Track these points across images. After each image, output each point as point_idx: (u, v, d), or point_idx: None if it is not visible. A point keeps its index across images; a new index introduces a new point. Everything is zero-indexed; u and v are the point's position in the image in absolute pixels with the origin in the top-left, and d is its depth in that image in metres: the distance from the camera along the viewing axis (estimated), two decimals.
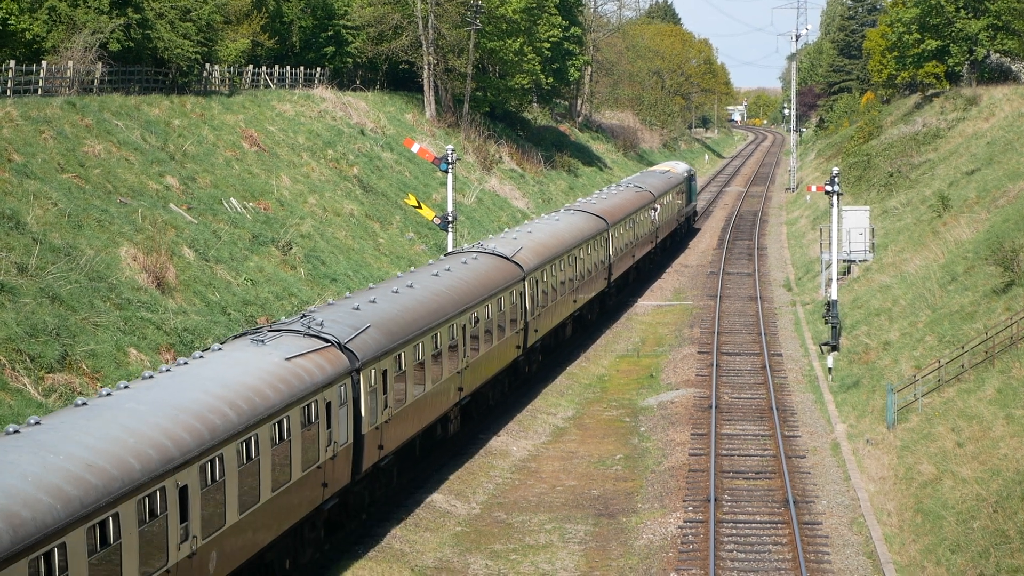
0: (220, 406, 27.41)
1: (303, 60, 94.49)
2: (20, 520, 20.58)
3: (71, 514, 21.60)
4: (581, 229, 61.89)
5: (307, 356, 31.99)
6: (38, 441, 23.26)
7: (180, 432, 25.63)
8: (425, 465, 41.78)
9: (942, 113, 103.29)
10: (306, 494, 31.14)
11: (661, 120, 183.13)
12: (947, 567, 32.74)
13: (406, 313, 38.58)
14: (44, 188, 47.58)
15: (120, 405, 25.99)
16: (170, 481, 24.69)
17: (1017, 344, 43.89)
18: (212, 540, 26.35)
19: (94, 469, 22.83)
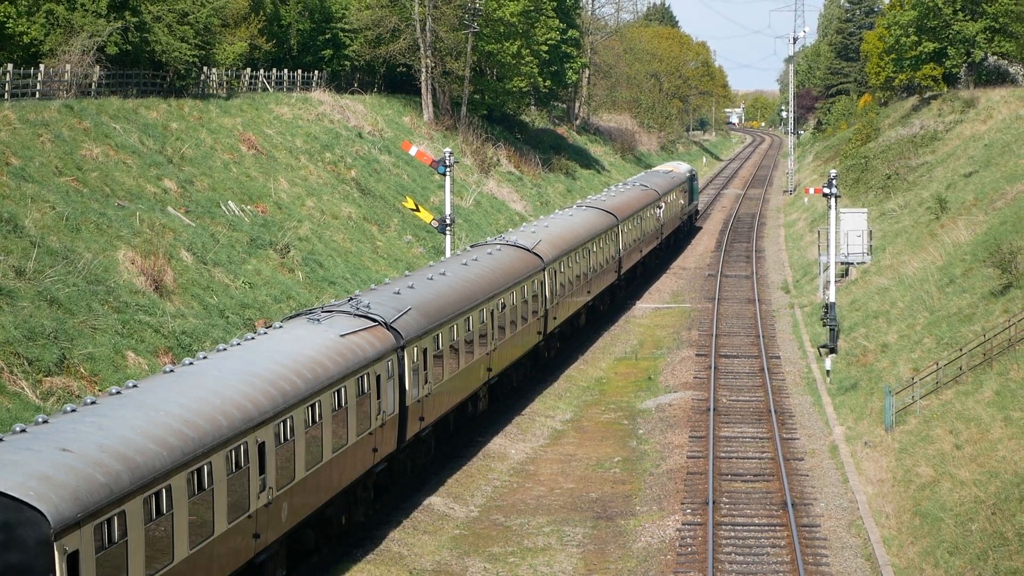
0: (289, 375, 30.90)
1: (301, 63, 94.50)
2: (135, 464, 23.92)
3: (175, 461, 25.00)
4: (593, 224, 65.12)
5: (359, 334, 35.49)
6: (139, 401, 26.69)
7: (257, 396, 29.10)
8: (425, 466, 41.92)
9: (940, 115, 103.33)
10: (359, 458, 34.54)
11: (659, 123, 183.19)
12: (945, 569, 32.74)
13: (441, 298, 41.96)
14: (42, 191, 47.57)
15: (204, 372, 29.54)
16: (251, 438, 28.15)
17: (1015, 346, 43.90)
18: (284, 492, 29.77)
19: (190, 424, 26.27)
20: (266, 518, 28.91)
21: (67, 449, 23.47)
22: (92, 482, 22.81)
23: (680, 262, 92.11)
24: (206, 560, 26.28)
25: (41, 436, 23.94)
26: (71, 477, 22.58)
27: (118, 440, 24.32)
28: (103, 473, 23.20)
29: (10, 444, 23.45)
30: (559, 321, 56.49)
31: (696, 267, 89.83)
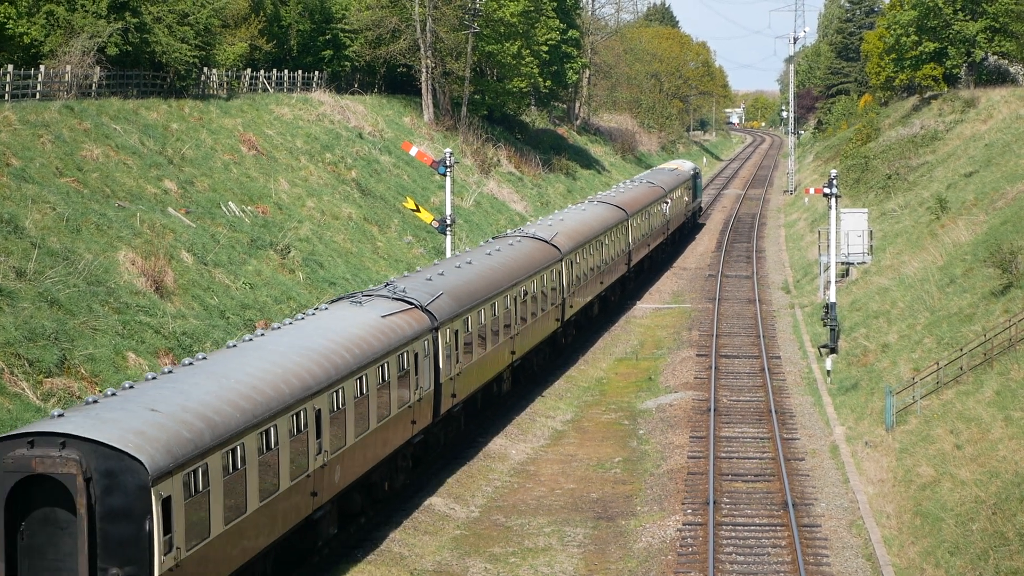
0: (339, 350, 33.94)
1: (301, 64, 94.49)
2: (214, 423, 27.14)
3: (247, 422, 28.21)
4: (605, 219, 67.93)
5: (398, 315, 38.54)
6: (210, 371, 29.92)
7: (313, 367, 32.21)
8: (426, 467, 41.95)
9: (940, 115, 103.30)
10: (400, 428, 37.69)
11: (659, 123, 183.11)
12: (946, 569, 32.74)
13: (469, 285, 45.01)
14: (42, 192, 47.58)
15: (264, 346, 32.89)
16: (309, 405, 31.24)
17: (1016, 346, 43.90)
18: (337, 456, 32.91)
19: (257, 391, 29.44)
20: (322, 478, 32.10)
21: (155, 409, 26.63)
22: (179, 437, 26.02)
23: (680, 262, 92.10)
24: (272, 513, 29.50)
25: (130, 399, 27.18)
26: (162, 433, 25.76)
27: (198, 403, 27.55)
28: (188, 430, 26.40)
29: (104, 405, 26.61)
30: (575, 310, 59.49)
31: (696, 267, 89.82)
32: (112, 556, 24.63)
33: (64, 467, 24.52)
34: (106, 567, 24.62)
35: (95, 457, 24.68)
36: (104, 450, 24.69)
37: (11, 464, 24.58)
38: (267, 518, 29.30)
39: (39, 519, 24.96)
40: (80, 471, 24.48)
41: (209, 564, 26.68)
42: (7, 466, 24.60)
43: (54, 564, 24.91)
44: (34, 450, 24.67)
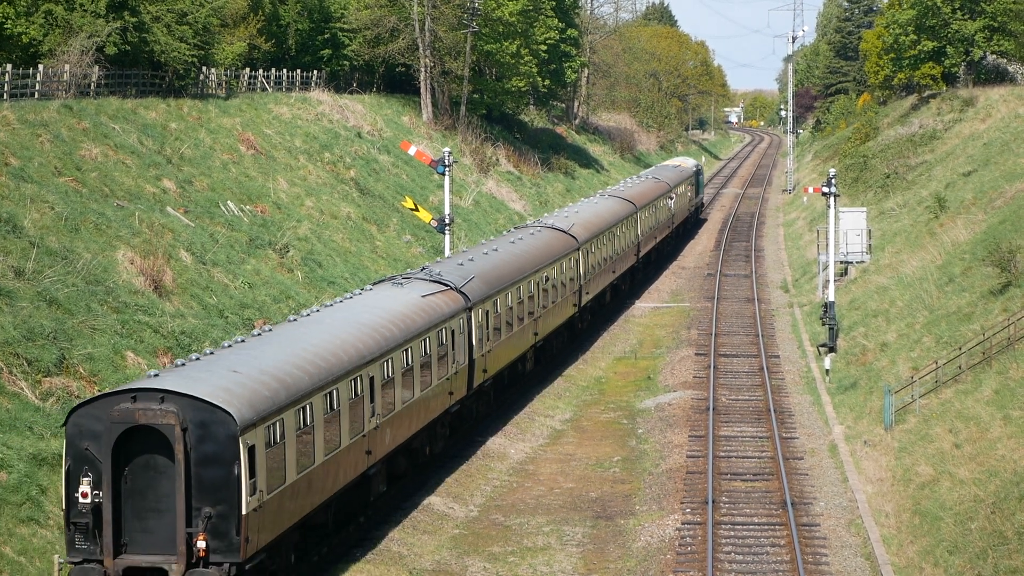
0: (388, 324, 37.53)
1: (300, 63, 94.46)
2: (287, 384, 30.71)
3: (313, 384, 31.75)
4: (616, 211, 71.39)
5: (436, 295, 42.08)
6: (279, 340, 33.54)
7: (366, 339, 35.70)
8: (425, 466, 42.00)
9: (939, 114, 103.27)
10: (440, 398, 41.16)
11: (658, 122, 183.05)
12: (945, 568, 32.75)
13: (497, 269, 48.62)
14: (41, 192, 47.56)
15: (322, 320, 36.37)
16: (364, 372, 34.77)
17: (1014, 345, 43.90)
18: (387, 420, 36.26)
19: (321, 358, 32.83)
20: (375, 439, 35.62)
21: (236, 371, 30.15)
22: (259, 395, 29.53)
23: (679, 261, 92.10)
24: (335, 466, 33.01)
25: (213, 362, 30.77)
26: (245, 390, 29.26)
27: (272, 366, 31.13)
28: (266, 389, 29.90)
29: (192, 367, 30.18)
30: (591, 296, 63.23)
31: (695, 266, 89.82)
32: (205, 497, 28.08)
33: (164, 419, 27.90)
34: (200, 506, 28.05)
35: (190, 410, 28.08)
36: (198, 404, 28.14)
37: (117, 416, 27.94)
38: (330, 471, 32.81)
39: (141, 465, 28.30)
40: (178, 422, 27.86)
41: (284, 508, 30.12)
42: (113, 418, 27.95)
43: (154, 504, 28.27)
44: (137, 404, 28.08)
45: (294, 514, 30.82)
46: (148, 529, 28.46)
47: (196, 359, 31.08)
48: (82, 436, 28.32)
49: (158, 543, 28.36)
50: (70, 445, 28.44)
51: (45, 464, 34.95)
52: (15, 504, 33.14)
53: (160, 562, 28.23)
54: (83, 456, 28.32)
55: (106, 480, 28.10)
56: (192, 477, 28.04)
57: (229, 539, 28.21)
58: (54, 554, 31.99)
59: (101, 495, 28.22)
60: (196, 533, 28.07)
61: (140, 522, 28.49)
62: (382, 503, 38.09)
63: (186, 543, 28.02)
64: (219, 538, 28.14)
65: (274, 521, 29.72)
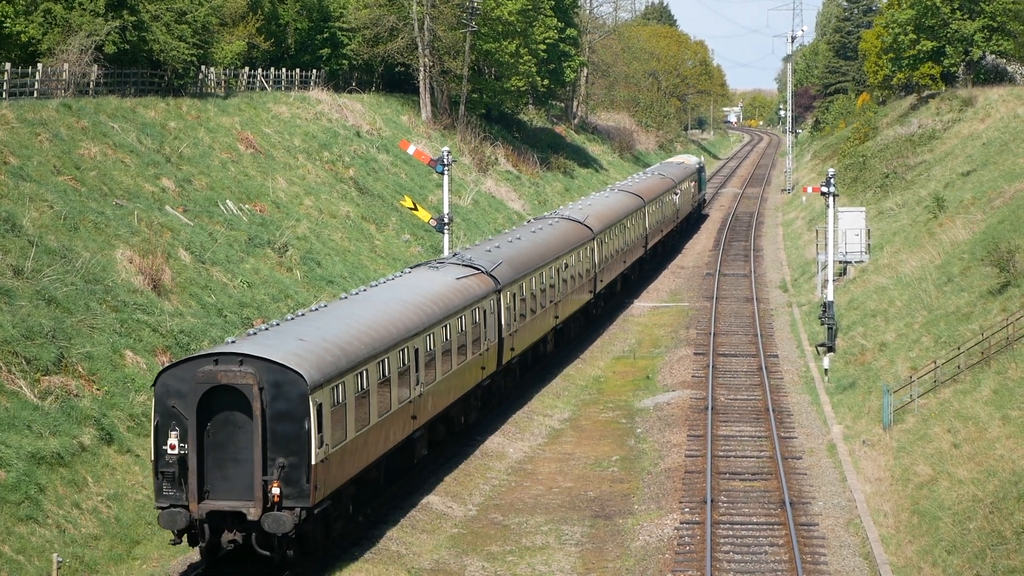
0: (428, 303, 40.96)
1: (299, 62, 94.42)
2: (347, 351, 34.09)
3: (368, 353, 35.20)
4: (627, 205, 74.95)
5: (469, 278, 45.65)
6: (334, 314, 36.95)
7: (411, 315, 39.20)
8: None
9: (938, 114, 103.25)
10: (473, 372, 44.83)
11: (657, 122, 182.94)
12: (943, 568, 32.76)
13: (522, 255, 52.12)
14: (40, 190, 47.55)
15: (369, 298, 39.91)
16: (410, 344, 38.20)
17: (1013, 345, 43.91)
18: (429, 389, 39.73)
19: (373, 330, 36.33)
20: (419, 405, 39.04)
21: (302, 339, 33.52)
22: (325, 360, 32.89)
23: (679, 261, 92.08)
24: (386, 428, 36.46)
25: (281, 331, 34.28)
26: (311, 355, 32.60)
27: (333, 336, 34.48)
28: (329, 354, 33.32)
29: (263, 335, 33.71)
30: (604, 283, 66.78)
31: (694, 266, 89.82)
32: (279, 448, 31.31)
33: (243, 379, 31.16)
34: (274, 457, 31.24)
35: (266, 371, 31.34)
36: (273, 366, 31.41)
37: (201, 377, 31.16)
38: (382, 432, 36.34)
39: (221, 420, 31.50)
40: (256, 382, 31.10)
41: (345, 462, 33.54)
42: (198, 379, 31.15)
43: (233, 455, 31.45)
44: (218, 366, 31.35)
45: (352, 468, 34.29)
46: (228, 477, 31.58)
47: (265, 329, 34.63)
48: (169, 395, 31.54)
49: (237, 490, 31.50)
50: (158, 403, 31.66)
51: (44, 463, 34.98)
52: (13, 503, 33.16)
53: (239, 507, 31.36)
54: (170, 413, 31.49)
55: (191, 434, 31.27)
56: (267, 431, 31.31)
57: (300, 486, 31.45)
58: (52, 553, 32.02)
59: (186, 447, 31.36)
60: (271, 481, 31.26)
61: (221, 471, 31.61)
62: (382, 501, 38.14)
63: (262, 489, 31.23)
64: (291, 485, 31.40)
65: (336, 473, 33.10)
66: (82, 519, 34.52)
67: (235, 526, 31.72)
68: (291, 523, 31.24)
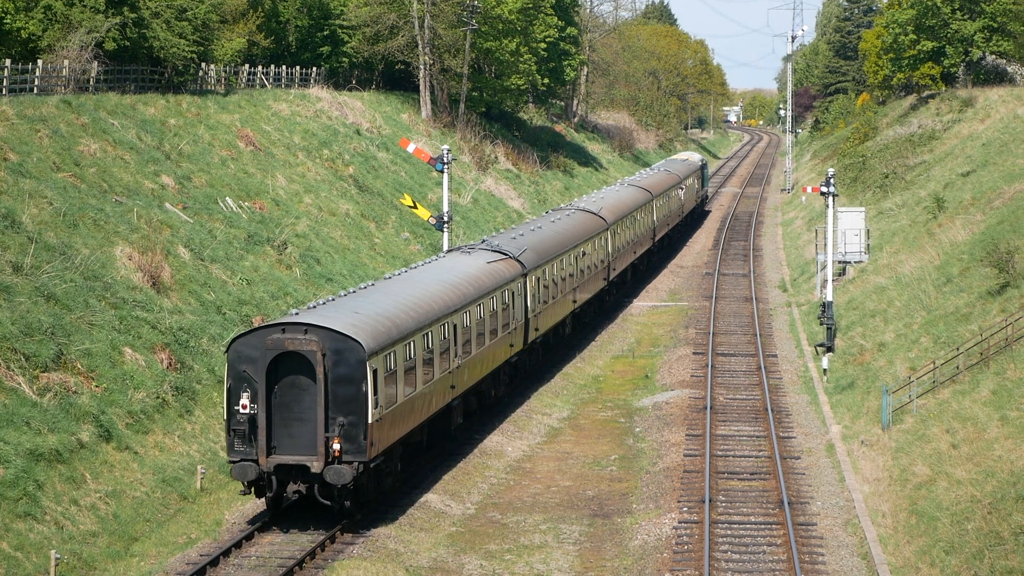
0: (463, 283, 44.74)
1: (299, 60, 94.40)
2: (397, 324, 37.87)
3: (415, 326, 38.92)
4: (637, 198, 78.67)
5: (498, 262, 49.52)
6: (383, 291, 40.78)
7: (450, 293, 42.96)
8: (422, 462, 42.17)
9: (938, 115, 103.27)
10: (503, 349, 48.56)
11: (657, 121, 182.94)
12: (941, 568, 32.76)
13: (544, 243, 55.72)
14: (39, 187, 47.55)
15: (412, 278, 43.65)
16: (449, 320, 41.86)
17: (1012, 346, 43.92)
18: (465, 362, 43.51)
19: (418, 306, 40.15)
20: (457, 376, 42.77)
21: (358, 312, 37.34)
22: (378, 330, 36.57)
23: (678, 260, 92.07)
24: (429, 395, 40.11)
25: (338, 305, 38.13)
26: (367, 326, 36.27)
27: (383, 309, 38.29)
28: (382, 326, 37.01)
29: (323, 308, 37.56)
30: (617, 272, 70.51)
31: (694, 265, 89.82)
32: (339, 409, 34.97)
33: (308, 346, 34.78)
34: (335, 416, 34.88)
35: (328, 340, 34.94)
36: (335, 335, 35.02)
37: (270, 344, 34.87)
38: (426, 398, 39.97)
39: (288, 383, 35.11)
40: (319, 349, 34.72)
41: (396, 423, 37.19)
42: (267, 346, 34.87)
43: (298, 415, 35.05)
44: (285, 335, 34.99)
45: (401, 430, 37.87)
46: (293, 435, 35.10)
47: (323, 303, 38.39)
48: (240, 361, 35.13)
49: (302, 445, 35.08)
50: (231, 368, 35.28)
51: (42, 459, 34.98)
52: (12, 499, 33.16)
53: (304, 460, 34.99)
54: (241, 376, 35.11)
55: (261, 395, 34.88)
56: (329, 393, 34.91)
57: (358, 443, 35.11)
58: (51, 549, 32.02)
59: (256, 408, 34.97)
60: (332, 437, 34.88)
61: (287, 429, 35.16)
62: (380, 501, 38.14)
63: (324, 445, 34.84)
64: (350, 441, 35.04)
65: (388, 432, 36.72)
66: (80, 516, 34.53)
67: (299, 478, 35.27)
68: (350, 475, 34.79)
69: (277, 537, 35.51)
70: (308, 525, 36.04)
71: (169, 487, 38.03)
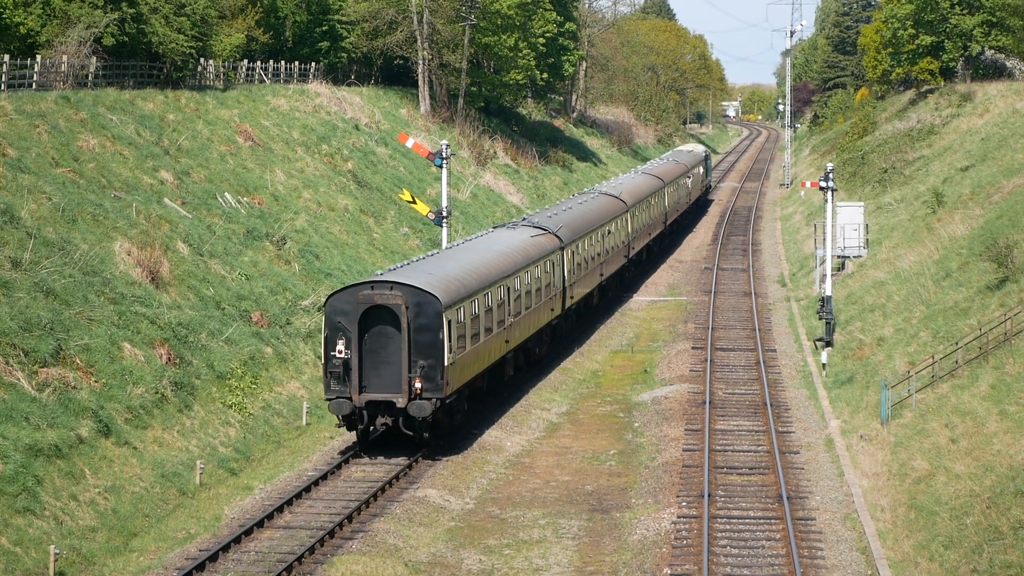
0: (513, 253, 51.23)
1: (298, 55, 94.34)
2: (463, 284, 44.16)
3: (478, 287, 45.26)
4: (651, 185, 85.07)
5: (540, 236, 56.04)
6: (447, 258, 47.74)
7: (503, 261, 49.52)
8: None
9: (936, 109, 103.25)
10: (544, 312, 54.81)
11: (656, 116, 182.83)
12: (940, 563, 32.78)
13: (575, 222, 62.04)
14: (38, 182, 47.53)
15: (470, 248, 50.73)
16: (504, 283, 48.26)
17: (1011, 340, 43.93)
18: (515, 321, 49.76)
19: (478, 270, 46.63)
20: (510, 332, 49.04)
21: (431, 273, 43.57)
22: (450, 288, 42.84)
23: (677, 255, 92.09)
24: (489, 346, 46.36)
25: (414, 268, 44.57)
26: (440, 284, 42.56)
27: (450, 272, 44.56)
28: (453, 285, 43.25)
29: (402, 270, 43.98)
30: (635, 251, 76.94)
31: (692, 260, 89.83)
32: (420, 353, 41.22)
33: (394, 300, 41.03)
34: (417, 360, 41.10)
35: (411, 295, 41.15)
36: (416, 290, 41.25)
37: (362, 299, 41.01)
38: (487, 348, 46.03)
39: (376, 332, 41.21)
40: (403, 302, 40.96)
41: (464, 368, 43.29)
42: (359, 300, 40.99)
43: (385, 359, 41.16)
44: (374, 291, 41.24)
45: (468, 374, 43.90)
46: (381, 375, 41.12)
47: (401, 266, 45.13)
48: (336, 313, 41.16)
49: (388, 384, 41.12)
50: (328, 320, 41.31)
51: (41, 455, 34.98)
52: (11, 495, 33.17)
53: (390, 397, 41.06)
54: (337, 327, 41.08)
55: (353, 342, 40.94)
56: (411, 340, 41.03)
57: (436, 382, 41.24)
58: (50, 545, 32.03)
59: (349, 353, 40.92)
60: (414, 377, 41.02)
61: (375, 371, 41.17)
62: (380, 494, 38.20)
63: (408, 384, 40.98)
64: (429, 381, 41.16)
65: (459, 375, 42.73)
66: (79, 511, 34.53)
67: (387, 412, 41.30)
68: (429, 409, 40.87)
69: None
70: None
71: (168, 482, 38.04)
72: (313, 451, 43.38)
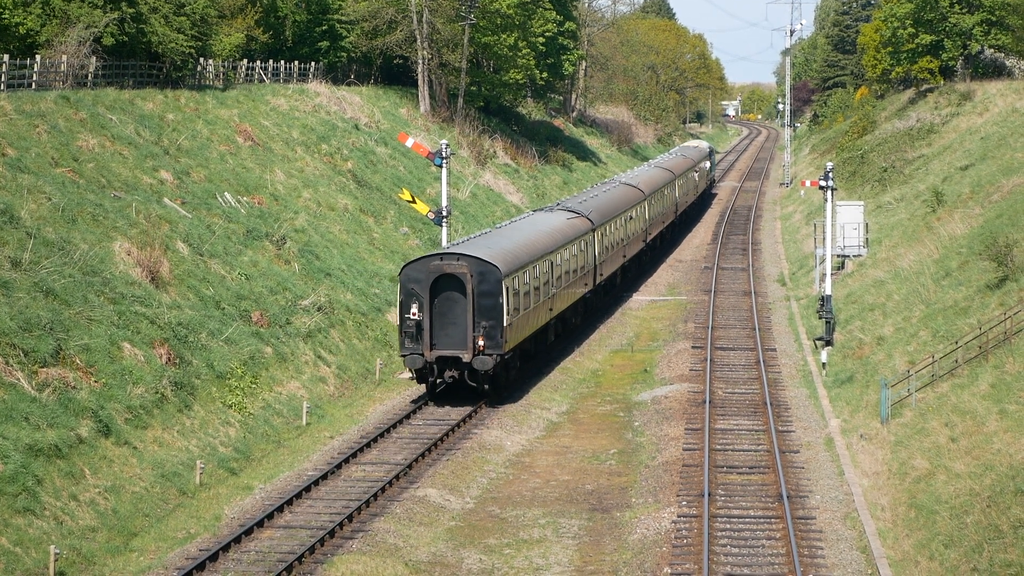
0: (554, 232, 57.94)
1: (297, 55, 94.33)
2: (516, 256, 50.64)
3: (528, 259, 51.65)
4: (663, 177, 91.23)
5: (574, 219, 62.39)
6: (499, 235, 54.39)
7: (546, 239, 56.06)
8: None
9: (936, 108, 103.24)
10: (579, 287, 61.24)
11: (655, 115, 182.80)
12: (940, 562, 32.78)
13: (603, 207, 68.48)
14: (38, 182, 47.53)
15: (517, 228, 57.58)
16: (548, 258, 54.69)
17: (1011, 339, 43.92)
18: (558, 292, 56.17)
19: (527, 246, 53.20)
20: (553, 301, 55.64)
21: (489, 247, 50.06)
22: (506, 260, 49.14)
23: (676, 255, 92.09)
24: (537, 312, 52.79)
25: (472, 243, 51.57)
26: (498, 256, 49.04)
27: (504, 247, 51.01)
28: (508, 257, 49.62)
29: (465, 244, 50.86)
30: (651, 236, 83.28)
31: (692, 259, 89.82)
32: (483, 315, 47.69)
33: (460, 269, 47.67)
34: (480, 321, 47.57)
35: (475, 264, 47.76)
36: (479, 261, 47.82)
37: (433, 268, 47.61)
38: (535, 314, 52.53)
39: (444, 298, 47.77)
40: (469, 271, 47.59)
41: (519, 329, 49.87)
42: (430, 269, 47.55)
43: (452, 320, 47.63)
44: (443, 262, 47.95)
45: (521, 335, 50.38)
46: (449, 335, 47.65)
47: (463, 241, 52.52)
48: (410, 281, 47.63)
49: (455, 342, 47.74)
50: (403, 287, 47.84)
51: (41, 455, 34.98)
52: (11, 495, 33.17)
53: (457, 353, 47.68)
54: (410, 292, 47.54)
55: (425, 306, 47.50)
56: (475, 303, 47.52)
57: (496, 340, 47.75)
58: (50, 544, 32.03)
59: (422, 315, 47.42)
60: (478, 336, 47.57)
61: (444, 330, 47.70)
62: (380, 494, 38.20)
63: (472, 341, 47.54)
64: (490, 339, 47.68)
65: (515, 335, 49.32)
66: (79, 511, 34.54)
67: (454, 367, 47.87)
68: (491, 363, 47.36)
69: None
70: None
71: (168, 482, 38.05)
72: (313, 451, 43.41)
